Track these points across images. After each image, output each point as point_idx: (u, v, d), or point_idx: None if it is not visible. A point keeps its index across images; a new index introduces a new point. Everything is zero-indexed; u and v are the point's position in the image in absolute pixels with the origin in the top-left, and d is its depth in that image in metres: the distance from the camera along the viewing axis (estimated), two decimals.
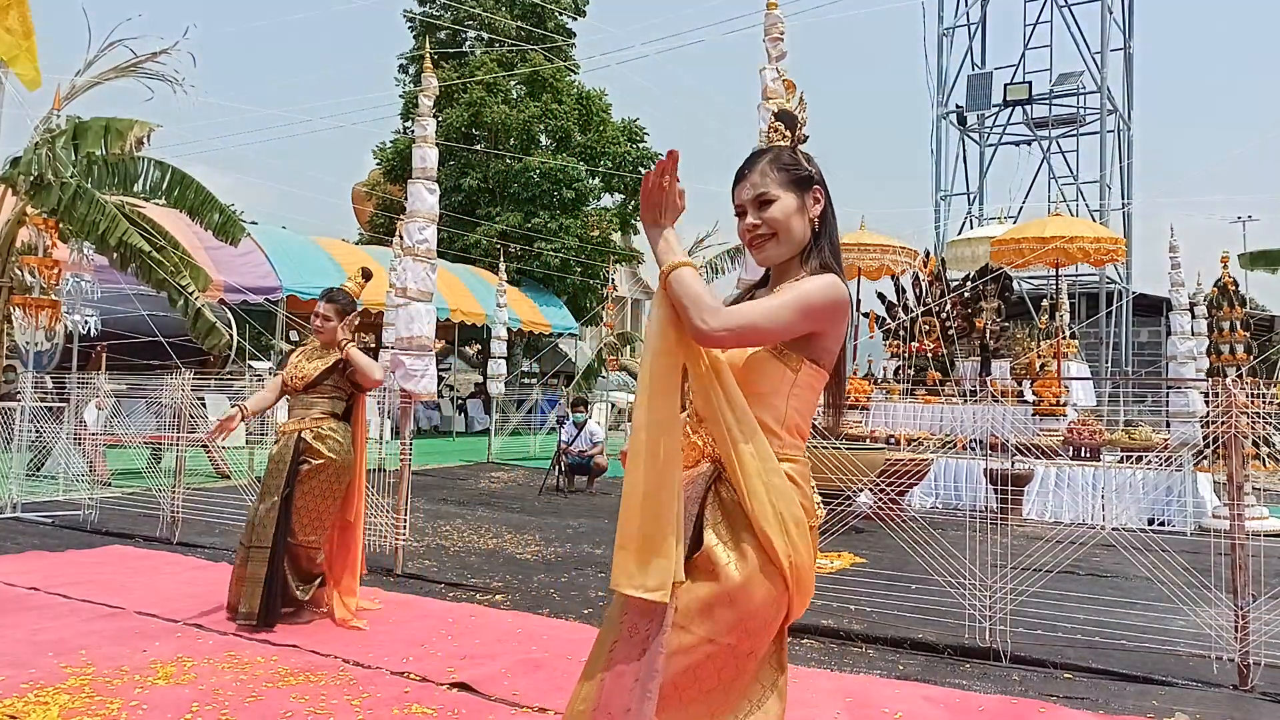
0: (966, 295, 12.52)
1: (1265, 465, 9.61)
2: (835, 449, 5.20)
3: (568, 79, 26.40)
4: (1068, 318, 13.81)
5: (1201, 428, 8.53)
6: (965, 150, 25.55)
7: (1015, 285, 17.76)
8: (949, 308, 12.37)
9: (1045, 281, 20.75)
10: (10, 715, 3.18)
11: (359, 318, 4.86)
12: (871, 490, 6.59)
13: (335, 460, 4.60)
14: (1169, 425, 9.80)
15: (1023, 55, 24.52)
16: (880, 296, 13.62)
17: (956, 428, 10.41)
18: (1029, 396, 11.41)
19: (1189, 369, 10.02)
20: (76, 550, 6.31)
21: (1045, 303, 15.26)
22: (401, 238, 7.06)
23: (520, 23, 25.92)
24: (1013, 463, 7.79)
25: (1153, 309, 20.26)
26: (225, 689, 3.53)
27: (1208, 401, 8.27)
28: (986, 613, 4.38)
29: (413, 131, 7.33)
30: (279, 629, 4.37)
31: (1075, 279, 21.36)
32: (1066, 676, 4.06)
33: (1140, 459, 8.98)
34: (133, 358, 11.22)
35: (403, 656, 4.01)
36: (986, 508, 5.36)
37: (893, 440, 10.20)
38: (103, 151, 10.35)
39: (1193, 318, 10.54)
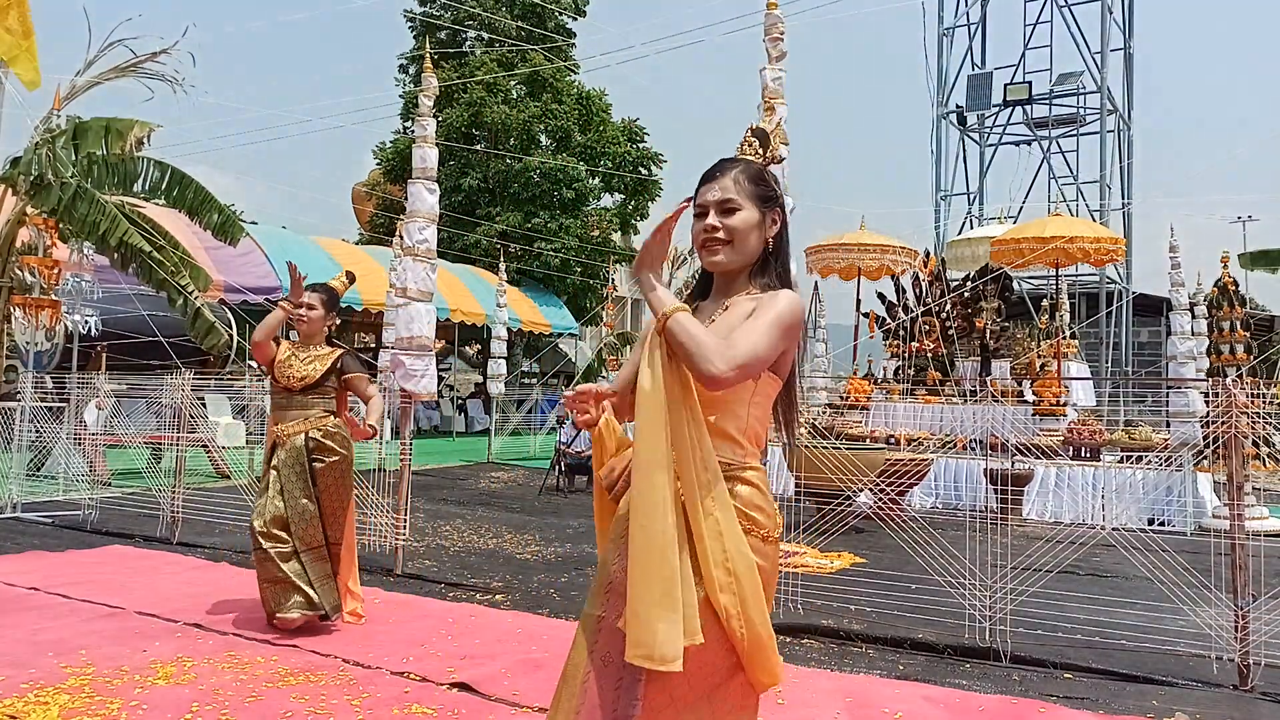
0: (966, 295, 12.53)
1: (1265, 465, 9.61)
2: (835, 449, 5.19)
3: (568, 79, 26.40)
4: (1068, 318, 13.81)
5: (1201, 428, 8.53)
6: (965, 150, 25.55)
7: (1015, 285, 17.76)
8: (949, 308, 12.37)
9: (1045, 281, 20.74)
10: (10, 715, 3.18)
11: (337, 317, 4.85)
12: (871, 490, 6.59)
13: (346, 455, 4.61)
14: (1169, 425, 9.80)
15: (1023, 55, 24.52)
16: (880, 296, 13.63)
17: (956, 428, 10.41)
18: (1029, 396, 11.41)
19: (1189, 369, 10.02)
20: (76, 550, 6.31)
21: (1045, 303, 15.26)
22: (401, 238, 7.06)
23: (520, 23, 25.92)
24: (1013, 463, 7.79)
25: (1153, 309, 20.26)
26: (225, 689, 3.53)
27: (1208, 401, 8.27)
28: (986, 613, 4.38)
29: (413, 131, 7.33)
30: (279, 630, 4.37)
31: (1075, 279, 21.36)
32: (1066, 676, 4.06)
33: (1140, 459, 8.97)
34: (133, 358, 11.22)
35: (403, 656, 4.01)
36: (986, 508, 5.36)
37: (893, 440, 10.20)
38: (103, 151, 10.35)
39: (1193, 318, 10.54)
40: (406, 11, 27.61)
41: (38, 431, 8.62)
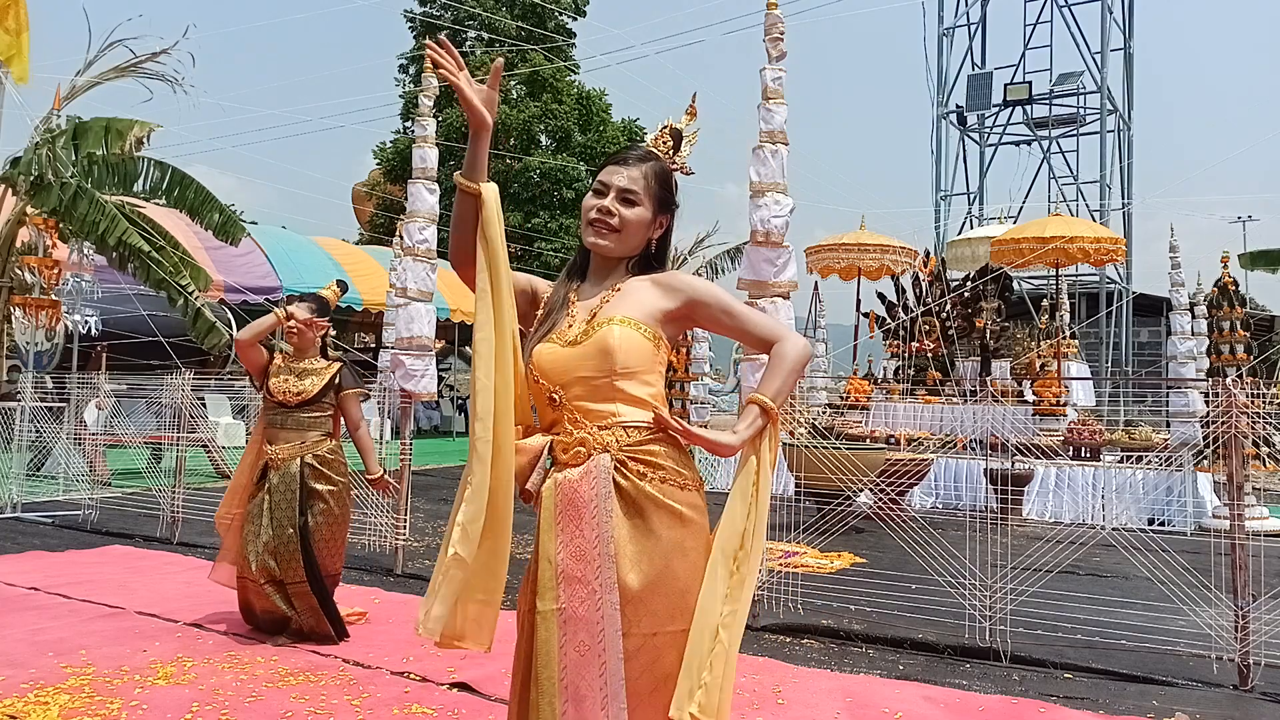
0: (966, 295, 12.52)
1: (1265, 465, 9.60)
2: (835, 449, 5.19)
3: (568, 79, 26.41)
4: (1068, 318, 13.83)
5: (1201, 428, 8.52)
6: (965, 150, 25.55)
7: (1015, 285, 17.76)
8: (949, 308, 12.37)
9: (1045, 281, 20.74)
10: (10, 715, 3.18)
11: (329, 327, 4.71)
12: (871, 490, 6.59)
13: (345, 482, 4.43)
14: (1169, 425, 9.79)
15: (1023, 55, 24.52)
16: (880, 296, 13.62)
17: (956, 428, 10.40)
18: (1029, 396, 11.41)
19: (1189, 369, 10.01)
20: (76, 550, 6.31)
21: (1045, 303, 15.26)
22: (401, 238, 7.06)
23: (520, 23, 25.92)
24: (1013, 463, 7.79)
25: (1153, 309, 20.25)
26: (225, 689, 3.53)
27: (1208, 401, 8.26)
28: (986, 613, 4.38)
29: (413, 131, 7.33)
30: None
31: (1075, 279, 21.34)
32: (1066, 676, 4.06)
33: (1140, 459, 8.97)
34: (133, 358, 11.22)
35: (403, 656, 4.01)
36: (986, 508, 5.35)
37: (893, 440, 10.19)
38: (103, 151, 10.36)
39: (1193, 318, 10.52)
40: (406, 11, 27.63)
41: (38, 431, 8.61)
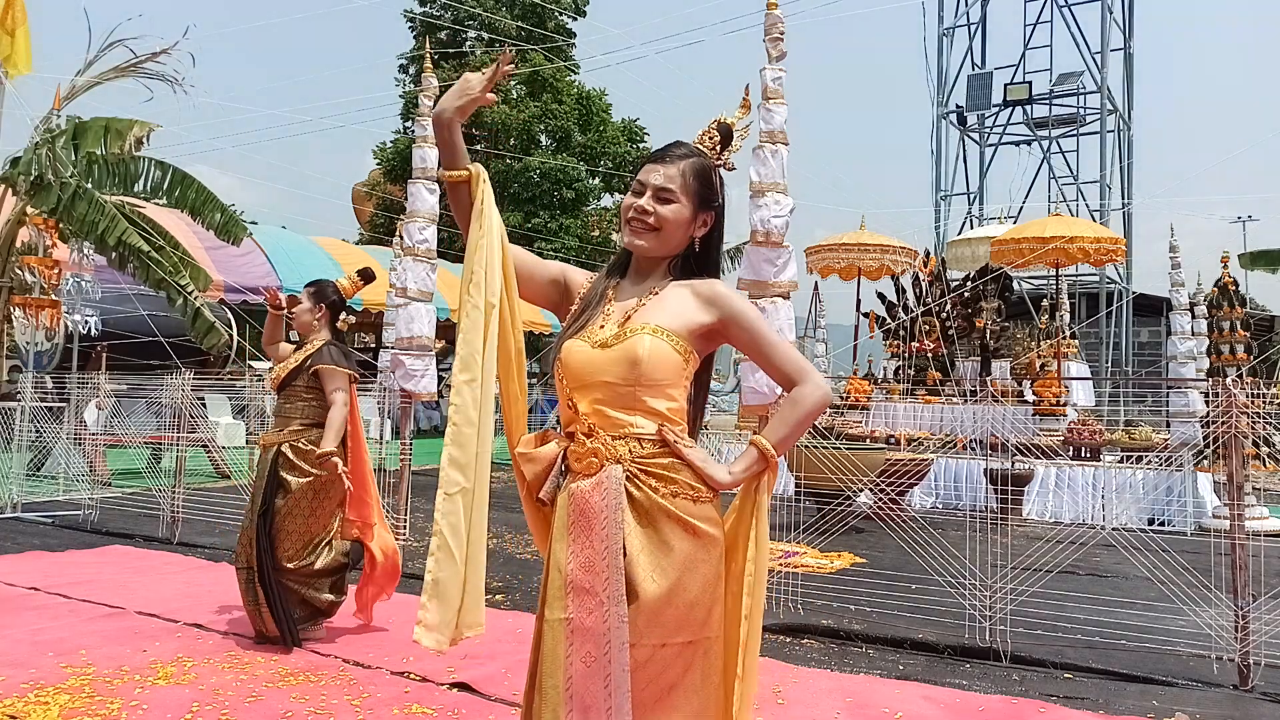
0: (966, 295, 12.52)
1: (1265, 465, 9.60)
2: (835, 449, 5.19)
3: (568, 79, 26.40)
4: (1068, 318, 13.82)
5: (1201, 428, 8.52)
6: (965, 150, 25.54)
7: (1015, 285, 17.76)
8: (949, 308, 12.37)
9: (1045, 281, 20.73)
10: (10, 715, 3.19)
11: (350, 315, 4.62)
12: (871, 490, 6.59)
13: (319, 477, 4.18)
14: (1169, 425, 9.79)
15: (1023, 55, 24.52)
16: (880, 296, 13.63)
17: (956, 428, 10.41)
18: (1029, 396, 11.41)
19: (1189, 369, 10.01)
20: (76, 550, 6.31)
21: (1045, 303, 15.25)
22: (402, 238, 7.06)
23: (520, 23, 25.91)
24: (1013, 463, 7.79)
25: (1153, 309, 20.25)
26: (225, 689, 3.53)
27: (1208, 401, 8.26)
28: (986, 613, 4.38)
29: (413, 131, 7.33)
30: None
31: (1075, 279, 21.34)
32: (1066, 676, 4.06)
33: (1140, 459, 8.97)
34: (133, 358, 11.22)
35: (403, 656, 4.01)
36: (986, 508, 5.36)
37: (893, 440, 10.19)
38: (102, 151, 10.36)
39: (1193, 318, 10.52)
40: (406, 11, 27.62)
41: (38, 431, 8.62)
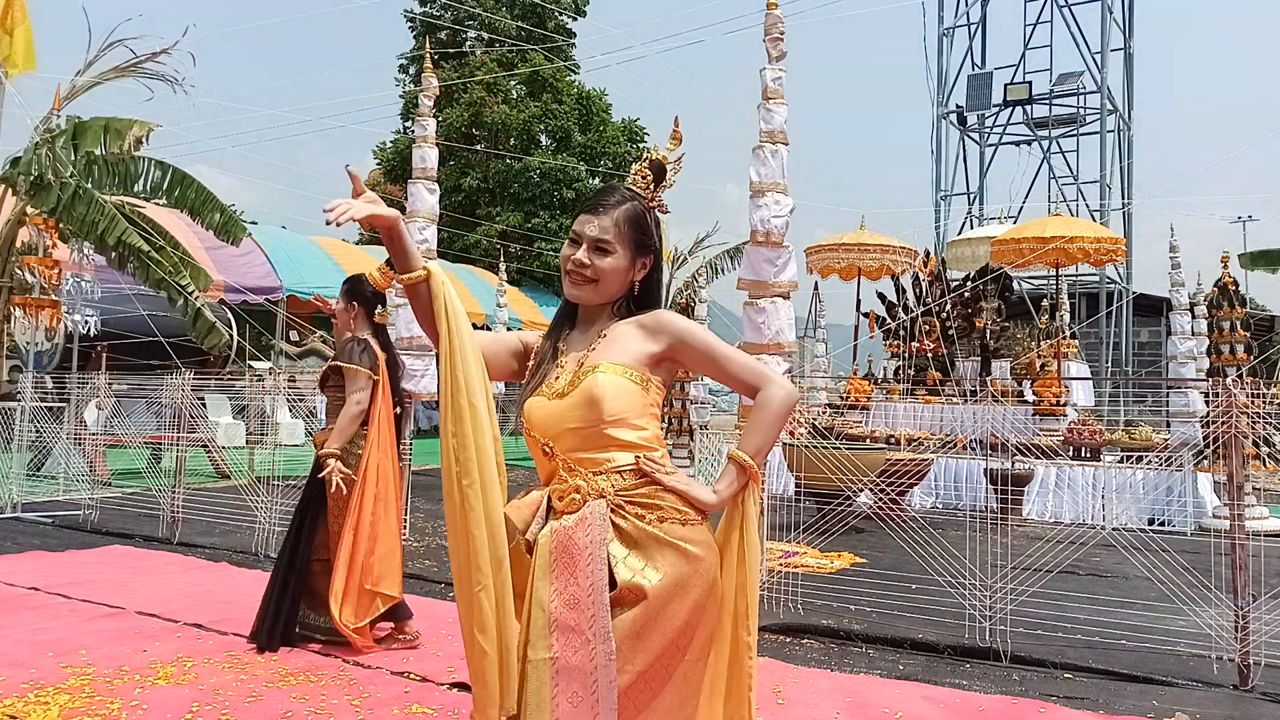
0: (966, 295, 12.52)
1: (1265, 465, 9.60)
2: (835, 449, 5.19)
3: (568, 79, 26.41)
4: (1068, 318, 13.82)
5: (1202, 428, 8.52)
6: (965, 150, 25.53)
7: (1015, 285, 17.75)
8: (949, 308, 12.37)
9: (1045, 281, 20.73)
10: (10, 715, 3.19)
11: (382, 308, 4.46)
12: (871, 490, 6.59)
13: (348, 475, 4.14)
14: (1169, 425, 9.79)
15: (1023, 55, 24.51)
16: (880, 296, 13.63)
17: (956, 428, 10.41)
18: (1029, 396, 11.41)
19: (1189, 369, 10.01)
20: (76, 550, 6.31)
21: (1045, 303, 15.26)
22: None
23: (520, 23, 25.91)
24: (1013, 463, 7.79)
25: (1153, 309, 20.24)
26: (225, 689, 3.53)
27: (1208, 401, 8.26)
28: (986, 613, 4.38)
29: (413, 131, 7.33)
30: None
31: (1075, 279, 21.34)
32: (1066, 676, 4.06)
33: (1140, 459, 8.97)
34: (133, 358, 11.22)
35: (403, 656, 4.01)
36: (986, 508, 5.36)
37: (893, 440, 10.19)
38: (102, 151, 10.36)
39: (1193, 318, 10.52)
40: (406, 11, 27.62)
41: (38, 431, 8.62)
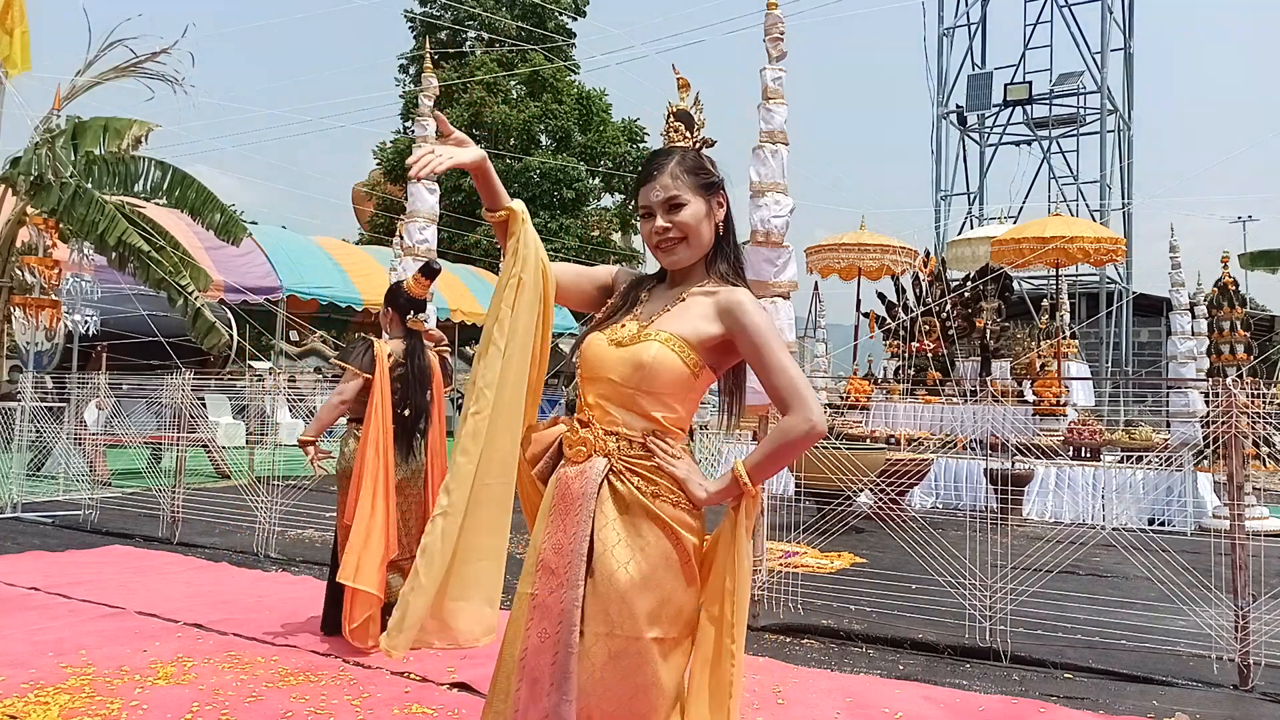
0: (966, 295, 12.52)
1: (1265, 465, 9.61)
2: (835, 449, 5.19)
3: (568, 79, 26.41)
4: (1068, 318, 13.82)
5: (1202, 428, 8.52)
6: (965, 150, 25.55)
7: (1015, 285, 17.75)
8: (949, 308, 12.37)
9: (1045, 281, 20.74)
10: (10, 715, 3.19)
11: (421, 315, 4.51)
12: (871, 490, 6.59)
13: (341, 467, 4.38)
14: (1169, 425, 9.80)
15: (1023, 55, 24.53)
16: (880, 296, 13.63)
17: (956, 428, 10.41)
18: (1029, 396, 11.41)
19: (1189, 369, 10.02)
20: (76, 550, 6.31)
21: (1045, 303, 15.26)
22: (401, 238, 7.06)
23: (520, 23, 25.92)
24: (1013, 463, 7.79)
25: (1153, 309, 20.26)
26: (225, 689, 3.53)
27: (1208, 401, 8.26)
28: (987, 613, 4.38)
29: (413, 131, 7.33)
30: (279, 630, 4.37)
31: (1075, 279, 21.35)
32: (1066, 676, 4.06)
33: (1140, 459, 8.97)
34: (133, 358, 11.22)
35: (403, 656, 4.00)
36: (986, 508, 5.36)
37: (893, 440, 10.19)
38: (102, 151, 10.37)
39: (1193, 318, 10.53)
40: (406, 11, 27.63)
41: (38, 431, 8.62)
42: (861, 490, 5.54)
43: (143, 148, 10.52)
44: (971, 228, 22.71)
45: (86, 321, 10.63)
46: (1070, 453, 9.79)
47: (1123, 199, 23.12)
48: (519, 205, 1.80)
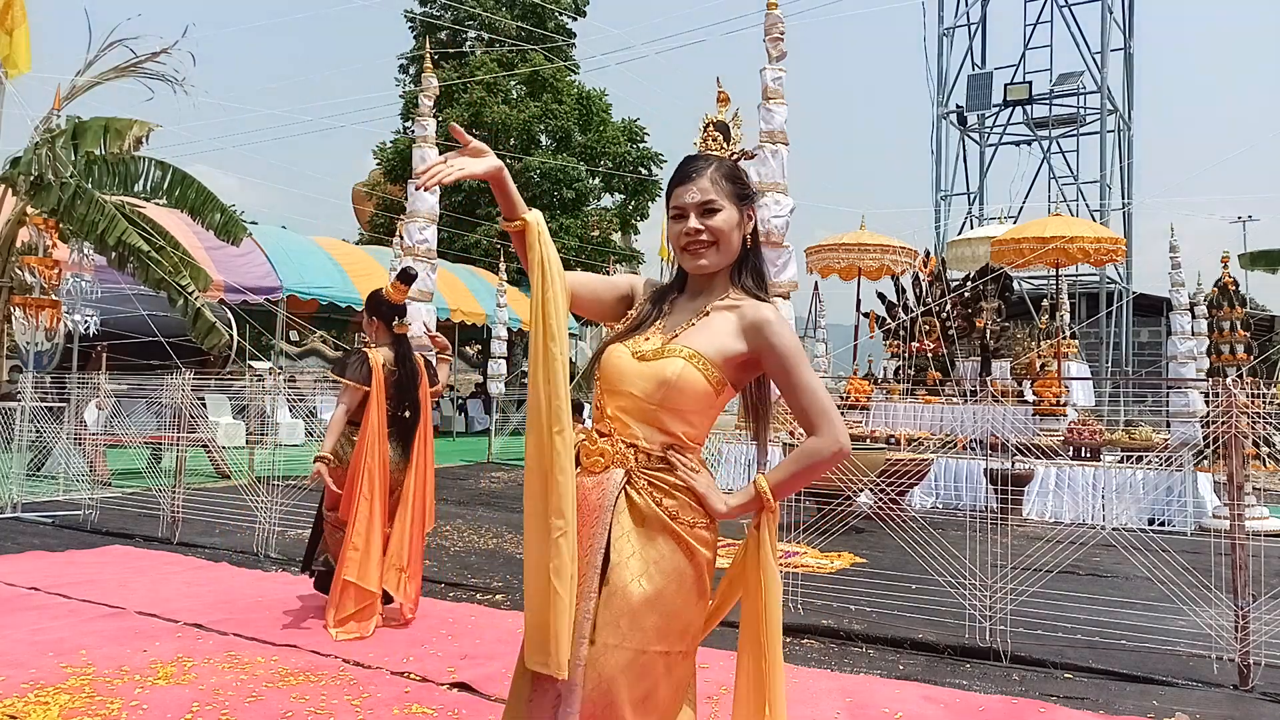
0: (966, 295, 12.53)
1: (1265, 465, 9.60)
2: None
3: (568, 79, 26.42)
4: (1068, 318, 13.82)
5: (1202, 428, 8.53)
6: (965, 150, 25.56)
7: (1015, 285, 17.76)
8: (949, 308, 12.37)
9: (1045, 281, 20.75)
10: (10, 715, 3.19)
11: (405, 319, 4.70)
12: (871, 490, 6.59)
13: (339, 467, 4.49)
14: (1169, 425, 9.80)
15: (1023, 55, 24.54)
16: (880, 296, 13.63)
17: (956, 428, 10.41)
18: (1029, 396, 11.41)
19: (1189, 369, 10.02)
20: (76, 550, 6.31)
21: (1045, 303, 15.26)
22: (401, 238, 7.07)
23: (520, 23, 25.93)
24: (1013, 463, 7.79)
25: (1153, 309, 20.26)
26: (225, 689, 3.53)
27: (1208, 401, 8.27)
28: (986, 613, 4.38)
29: (413, 131, 7.34)
30: (279, 630, 4.37)
31: (1075, 279, 21.36)
32: (1066, 676, 4.06)
33: (1140, 459, 8.97)
34: (133, 358, 11.22)
35: (403, 656, 4.01)
36: (986, 508, 5.36)
37: (893, 440, 10.19)
38: (102, 151, 10.36)
39: (1193, 318, 10.53)
40: (406, 11, 27.64)
41: (38, 431, 8.61)
42: (861, 490, 5.54)
43: (143, 148, 10.52)
44: (971, 228, 22.72)
45: (86, 321, 10.62)
46: (1070, 453, 9.79)
47: (1123, 199, 23.13)
48: (534, 217, 1.76)
